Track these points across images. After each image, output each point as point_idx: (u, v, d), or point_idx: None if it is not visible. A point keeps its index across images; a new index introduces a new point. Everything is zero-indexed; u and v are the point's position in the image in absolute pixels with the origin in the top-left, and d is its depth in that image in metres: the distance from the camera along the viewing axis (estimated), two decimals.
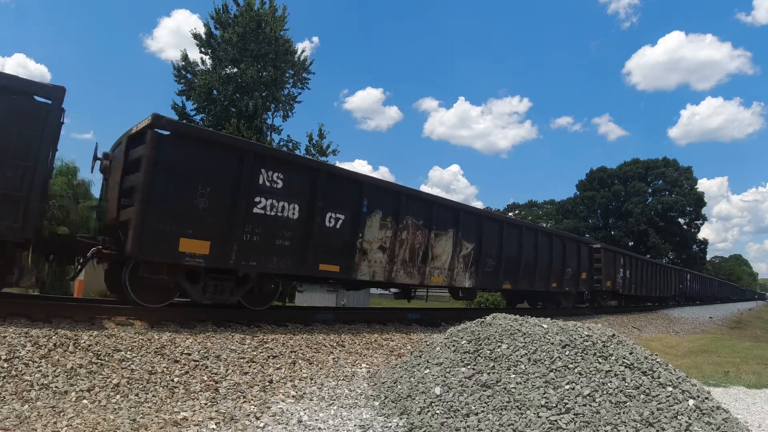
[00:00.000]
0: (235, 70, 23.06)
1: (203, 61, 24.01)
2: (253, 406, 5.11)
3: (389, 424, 4.97)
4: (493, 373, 5.43)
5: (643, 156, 70.86)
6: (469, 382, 5.36)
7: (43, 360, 5.05)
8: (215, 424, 4.56)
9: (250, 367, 6.14)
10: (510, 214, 62.90)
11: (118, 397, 4.80)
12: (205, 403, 5.01)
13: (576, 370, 5.25)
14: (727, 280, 70.88)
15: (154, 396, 4.96)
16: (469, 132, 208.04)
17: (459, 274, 11.81)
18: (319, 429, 4.72)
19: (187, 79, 23.66)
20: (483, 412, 4.85)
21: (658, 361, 5.61)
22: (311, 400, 5.56)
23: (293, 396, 5.62)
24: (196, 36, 23.65)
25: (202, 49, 23.90)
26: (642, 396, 4.90)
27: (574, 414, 4.64)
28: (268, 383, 5.82)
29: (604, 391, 4.92)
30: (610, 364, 5.35)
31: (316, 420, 4.93)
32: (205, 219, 7.31)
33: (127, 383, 5.05)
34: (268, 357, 6.58)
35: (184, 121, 21.95)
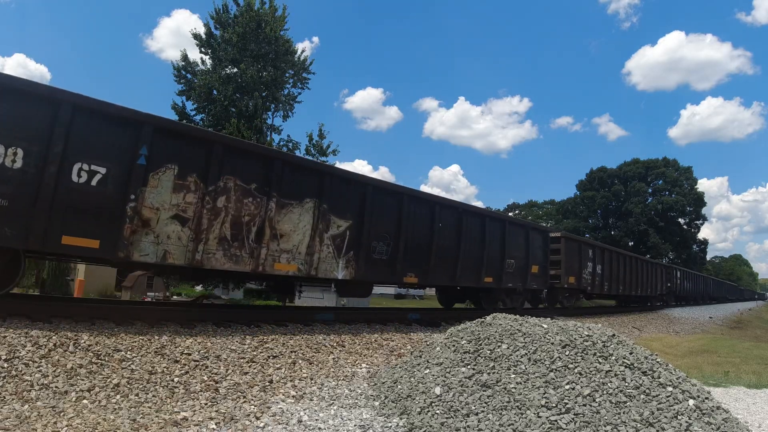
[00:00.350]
0: (235, 70, 23.10)
1: (203, 61, 24.08)
2: (253, 406, 5.12)
3: (389, 424, 4.97)
4: (493, 373, 5.43)
5: (643, 156, 71.24)
6: (469, 382, 5.36)
7: (43, 360, 5.05)
8: (215, 424, 4.56)
9: (250, 367, 6.14)
10: (510, 214, 62.60)
11: (118, 397, 4.80)
12: (205, 403, 5.01)
13: (576, 370, 5.25)
14: (724, 279, 70.50)
15: (154, 396, 4.96)
16: (469, 132, 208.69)
17: (325, 260, 8.86)
18: (319, 429, 4.73)
19: (187, 79, 23.71)
20: (483, 412, 4.85)
21: (658, 361, 5.61)
22: (311, 400, 5.57)
23: (293, 396, 5.62)
24: (196, 36, 23.70)
25: (202, 49, 23.97)
26: (642, 396, 4.90)
27: (574, 414, 4.64)
28: (268, 383, 5.82)
29: (604, 391, 4.92)
30: (610, 364, 5.35)
31: (316, 420, 4.94)
32: None
33: (127, 383, 5.05)
34: (268, 357, 6.58)
35: (184, 121, 22.00)
